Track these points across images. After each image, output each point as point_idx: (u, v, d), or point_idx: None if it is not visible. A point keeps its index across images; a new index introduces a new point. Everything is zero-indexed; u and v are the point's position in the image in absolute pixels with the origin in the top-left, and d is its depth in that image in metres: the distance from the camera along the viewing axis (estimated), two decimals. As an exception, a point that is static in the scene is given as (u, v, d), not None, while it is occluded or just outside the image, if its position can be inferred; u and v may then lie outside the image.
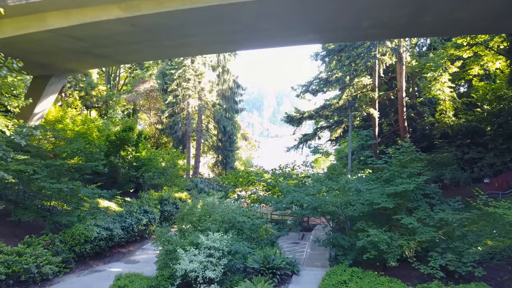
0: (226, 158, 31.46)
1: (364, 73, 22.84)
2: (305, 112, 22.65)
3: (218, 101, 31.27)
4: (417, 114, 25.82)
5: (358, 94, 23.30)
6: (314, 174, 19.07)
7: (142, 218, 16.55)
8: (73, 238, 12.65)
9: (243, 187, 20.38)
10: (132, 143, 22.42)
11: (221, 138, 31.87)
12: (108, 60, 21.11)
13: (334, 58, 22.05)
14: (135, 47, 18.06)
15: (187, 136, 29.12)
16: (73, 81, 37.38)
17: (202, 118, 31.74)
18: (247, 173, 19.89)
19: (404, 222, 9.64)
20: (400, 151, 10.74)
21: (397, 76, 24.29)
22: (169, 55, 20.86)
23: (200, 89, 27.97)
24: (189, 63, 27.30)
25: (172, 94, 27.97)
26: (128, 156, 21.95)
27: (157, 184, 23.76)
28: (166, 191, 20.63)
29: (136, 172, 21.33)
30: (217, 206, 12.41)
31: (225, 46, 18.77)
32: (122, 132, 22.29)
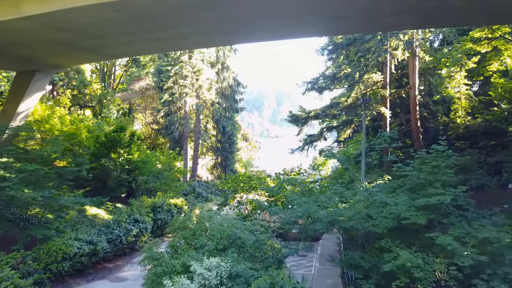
0: (225, 160, 29.77)
1: (374, 69, 21.15)
2: (311, 111, 20.96)
3: (217, 99, 29.60)
4: (430, 114, 24.12)
5: (367, 91, 21.63)
6: (322, 178, 17.44)
7: (132, 229, 14.89)
8: (49, 255, 10.98)
9: (244, 192, 18.71)
10: (124, 145, 20.72)
11: (221, 139, 30.18)
12: (97, 55, 19.39)
13: (342, 52, 20.36)
14: (124, 39, 16.33)
15: (184, 136, 27.45)
16: (65, 79, 35.75)
17: (200, 118, 30.05)
18: (248, 178, 18.22)
19: (441, 243, 7.96)
20: (433, 156, 9.06)
21: (409, 73, 22.59)
22: (163, 48, 19.19)
23: (198, 86, 26.30)
24: (186, 59, 25.63)
25: (168, 92, 26.29)
26: (120, 159, 20.25)
27: (152, 189, 22.07)
28: (160, 197, 18.95)
29: (128, 176, 19.65)
30: (215, 219, 10.70)
31: (223, 37, 17.04)
32: (113, 132, 20.60)
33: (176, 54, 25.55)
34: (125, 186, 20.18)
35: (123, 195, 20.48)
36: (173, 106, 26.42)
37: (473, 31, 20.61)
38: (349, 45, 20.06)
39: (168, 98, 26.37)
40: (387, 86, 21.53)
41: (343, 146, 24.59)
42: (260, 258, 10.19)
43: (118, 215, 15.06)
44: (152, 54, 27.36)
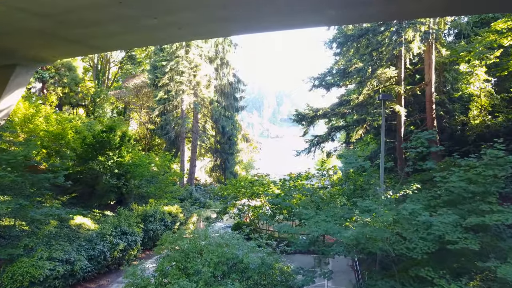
0: (225, 161, 27.92)
1: (387, 63, 19.34)
2: (319, 109, 19.12)
3: (216, 97, 27.76)
4: (446, 113, 22.31)
5: (380, 88, 19.79)
6: (332, 184, 15.60)
7: (118, 243, 13.07)
8: (14, 280, 9.16)
9: (246, 198, 16.89)
10: (114, 146, 18.90)
11: (220, 140, 28.34)
12: (84, 47, 17.44)
13: (353, 45, 18.54)
14: (111, 28, 14.43)
15: (181, 137, 25.62)
16: (56, 76, 33.91)
17: (198, 117, 28.21)
18: (250, 183, 16.40)
19: (504, 275, 6.13)
20: (484, 163, 7.23)
21: (424, 68, 20.75)
22: (157, 40, 17.26)
23: (195, 83, 24.46)
24: (183, 54, 23.81)
25: (163, 89, 24.46)
26: (109, 162, 18.42)
27: (145, 194, 20.26)
28: (152, 205, 17.12)
29: (117, 181, 17.83)
30: (212, 238, 8.86)
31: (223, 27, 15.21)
32: (102, 133, 18.79)
33: (172, 49, 23.73)
34: (114, 193, 18.35)
35: (112, 202, 18.67)
36: (169, 104, 24.59)
37: (495, 23, 18.86)
38: (360, 36, 18.24)
39: (163, 96, 24.53)
40: (402, 82, 19.72)
41: (353, 147, 22.78)
42: (267, 286, 8.37)
43: (102, 227, 13.21)
44: (144, 47, 25.52)
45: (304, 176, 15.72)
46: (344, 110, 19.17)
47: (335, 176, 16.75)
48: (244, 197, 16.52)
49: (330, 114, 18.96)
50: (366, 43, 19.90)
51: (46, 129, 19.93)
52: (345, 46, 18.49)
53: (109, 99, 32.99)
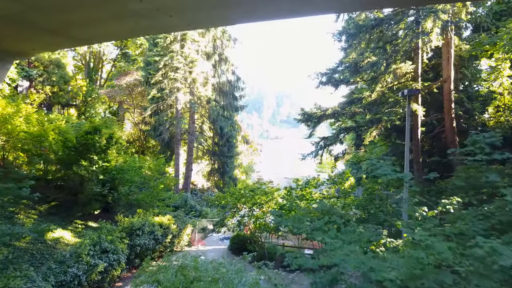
0: (223, 165, 25.96)
1: (403, 57, 17.47)
2: (328, 108, 17.22)
3: (214, 96, 25.84)
4: (465, 112, 20.42)
5: (395, 85, 17.92)
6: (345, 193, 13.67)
7: (97, 263, 11.14)
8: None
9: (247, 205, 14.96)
10: (100, 149, 16.95)
11: (218, 142, 26.38)
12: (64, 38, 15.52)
13: (365, 37, 16.66)
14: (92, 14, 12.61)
15: (176, 139, 23.68)
16: (44, 74, 31.97)
17: (195, 117, 26.26)
18: (251, 191, 14.46)
19: None
20: None
21: (442, 63, 18.90)
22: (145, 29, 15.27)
23: (191, 81, 22.54)
24: (178, 48, 21.89)
25: (156, 87, 22.54)
26: (93, 167, 16.48)
27: (135, 203, 18.31)
28: (140, 216, 15.14)
29: (101, 188, 15.90)
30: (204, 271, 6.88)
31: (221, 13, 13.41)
32: (86, 134, 16.85)
33: (165, 42, 21.83)
34: (99, 201, 16.39)
35: (96, 211, 16.72)
36: (163, 103, 22.65)
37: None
38: (374, 27, 16.36)
39: (156, 94, 22.61)
40: (419, 78, 17.86)
41: (364, 150, 20.86)
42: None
43: (78, 245, 11.24)
44: (132, 37, 23.59)
45: (312, 183, 13.78)
46: (355, 109, 17.28)
47: (346, 183, 14.82)
48: (247, 205, 14.58)
49: (339, 113, 17.05)
50: (378, 36, 18.03)
51: (27, 130, 17.96)
52: (357, 38, 16.61)
53: (100, 99, 31.06)
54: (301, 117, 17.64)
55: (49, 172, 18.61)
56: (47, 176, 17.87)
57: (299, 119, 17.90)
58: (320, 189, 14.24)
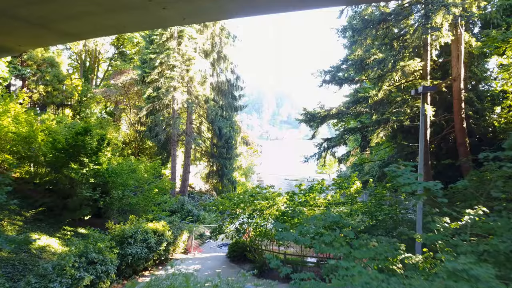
0: (222, 167, 24.99)
1: (411, 54, 16.59)
2: (332, 108, 16.29)
3: (212, 95, 24.86)
4: (475, 112, 19.53)
5: (402, 83, 17.02)
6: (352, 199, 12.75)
7: (82, 276, 10.18)
8: None
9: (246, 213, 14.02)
10: (90, 151, 16.03)
11: (217, 143, 25.42)
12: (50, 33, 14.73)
13: (372, 32, 15.74)
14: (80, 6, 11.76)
15: (173, 140, 22.73)
16: (38, 73, 31.08)
17: (192, 118, 25.32)
18: (251, 196, 13.52)
19: None
20: None
21: (452, 61, 18.02)
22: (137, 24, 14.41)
23: (188, 79, 21.60)
24: (174, 46, 20.97)
25: (152, 85, 21.60)
26: (84, 169, 15.54)
27: (128, 208, 17.39)
28: (133, 222, 14.18)
29: (92, 192, 14.96)
30: None
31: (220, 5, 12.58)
32: (76, 135, 15.94)
33: (161, 39, 20.91)
34: (90, 206, 15.46)
35: (86, 217, 15.78)
36: (159, 103, 21.70)
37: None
38: (381, 22, 15.46)
39: (152, 93, 21.66)
40: (427, 76, 16.95)
41: (369, 152, 19.93)
42: None
43: (61, 257, 10.27)
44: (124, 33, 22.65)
45: (316, 187, 12.84)
46: (361, 109, 16.36)
47: (352, 187, 13.88)
48: (244, 212, 13.65)
49: (344, 113, 16.13)
50: (384, 32, 17.14)
51: (14, 131, 17.11)
52: (363, 34, 15.68)
53: (95, 98, 30.15)
54: (303, 117, 16.72)
55: (38, 175, 17.71)
56: (35, 180, 16.97)
57: (301, 119, 16.97)
58: (325, 194, 13.31)
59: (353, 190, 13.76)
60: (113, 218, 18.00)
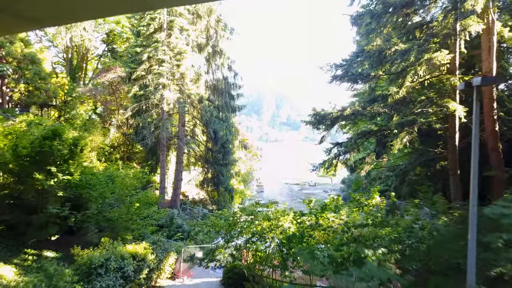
0: (218, 174, 22.49)
1: (436, 45, 14.16)
2: (345, 107, 13.85)
3: (207, 94, 22.41)
4: (507, 113, 17.13)
5: (426, 79, 14.58)
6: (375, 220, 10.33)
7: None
8: None
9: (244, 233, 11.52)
10: (61, 159, 13.57)
11: (212, 147, 22.94)
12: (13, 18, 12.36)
13: (393, 19, 13.33)
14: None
15: (161, 144, 20.25)
16: (18, 70, 28.62)
17: (185, 120, 22.83)
18: (250, 213, 11.05)
19: None
20: None
21: (482, 54, 15.56)
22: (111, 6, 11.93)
23: (179, 76, 19.17)
24: (163, 37, 18.53)
25: (138, 83, 19.16)
26: (51, 180, 13.08)
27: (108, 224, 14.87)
28: (106, 246, 11.64)
29: (59, 209, 12.49)
30: None
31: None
32: (44, 140, 13.47)
33: (148, 31, 18.49)
34: (57, 224, 12.97)
35: (53, 237, 13.31)
36: (146, 102, 19.24)
37: None
38: (404, 6, 13.05)
39: (138, 92, 19.21)
40: (456, 70, 14.53)
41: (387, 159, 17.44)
42: None
43: None
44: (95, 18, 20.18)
45: (330, 205, 10.37)
46: (379, 109, 13.92)
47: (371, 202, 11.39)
48: (241, 234, 11.16)
49: (360, 114, 13.68)
50: (404, 19, 14.74)
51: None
52: (382, 20, 13.25)
53: (80, 98, 27.69)
54: (312, 118, 14.25)
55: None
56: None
57: (308, 121, 14.51)
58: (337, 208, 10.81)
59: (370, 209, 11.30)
60: (90, 235, 15.52)
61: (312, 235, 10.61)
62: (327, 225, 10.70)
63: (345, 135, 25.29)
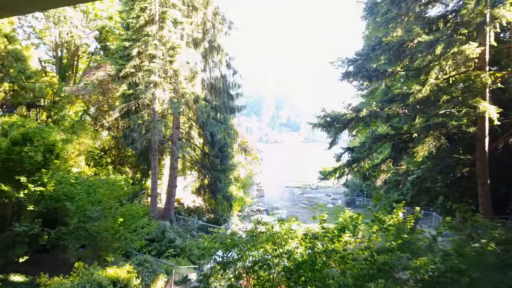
0: (215, 181, 20.65)
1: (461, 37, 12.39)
2: (360, 108, 12.07)
3: (204, 94, 20.63)
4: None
5: (452, 76, 12.79)
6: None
7: None
8: None
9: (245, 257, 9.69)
10: (32, 167, 11.78)
11: (209, 152, 21.14)
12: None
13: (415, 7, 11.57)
14: None
15: (152, 148, 18.46)
16: (2, 68, 26.80)
17: (180, 122, 21.04)
18: (252, 236, 9.25)
19: None
20: None
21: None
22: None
23: (172, 73, 17.39)
24: (155, 31, 16.76)
25: (127, 80, 17.39)
26: (21, 192, 11.28)
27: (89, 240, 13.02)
28: (79, 273, 9.80)
29: (27, 226, 10.71)
30: None
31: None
32: (13, 146, 11.70)
33: (138, 23, 16.72)
34: (26, 244, 11.16)
35: (21, 259, 11.51)
36: (135, 102, 17.44)
37: None
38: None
39: (127, 91, 17.44)
40: (486, 66, 12.75)
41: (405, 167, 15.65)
42: None
43: None
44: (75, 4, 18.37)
45: (349, 227, 8.56)
46: (398, 110, 12.14)
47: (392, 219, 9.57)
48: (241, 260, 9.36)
49: (378, 115, 11.88)
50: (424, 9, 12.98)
51: None
52: (404, 6, 11.47)
53: (67, 98, 25.89)
54: (322, 120, 12.46)
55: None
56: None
57: (318, 123, 12.71)
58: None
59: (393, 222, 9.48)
60: (69, 252, 13.68)
61: (326, 262, 8.76)
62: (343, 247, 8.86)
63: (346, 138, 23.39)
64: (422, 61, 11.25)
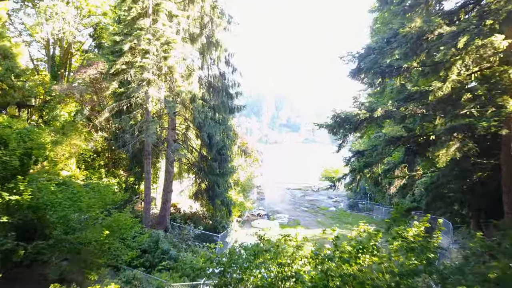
0: (213, 186, 19.37)
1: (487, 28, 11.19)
2: (373, 108, 10.85)
3: (201, 93, 19.40)
4: None
5: (474, 72, 11.56)
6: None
7: None
8: None
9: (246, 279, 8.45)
10: (8, 173, 10.52)
11: (206, 154, 19.90)
12: None
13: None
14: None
15: (146, 151, 17.20)
16: (-11, 66, 25.53)
17: (176, 122, 19.81)
18: (253, 254, 8.01)
19: None
20: None
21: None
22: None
23: (167, 70, 16.15)
24: (148, 24, 15.53)
25: (118, 78, 16.16)
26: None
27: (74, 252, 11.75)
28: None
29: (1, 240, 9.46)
30: None
31: None
32: (-14, 148, 10.42)
33: (130, 15, 15.48)
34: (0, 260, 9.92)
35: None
36: (127, 101, 16.19)
37: None
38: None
39: (118, 89, 16.19)
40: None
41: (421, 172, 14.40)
42: None
43: None
44: None
45: (368, 246, 7.33)
46: (416, 109, 10.91)
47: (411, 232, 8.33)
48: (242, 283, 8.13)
49: (394, 115, 10.65)
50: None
51: None
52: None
53: (60, 97, 24.66)
54: (331, 121, 11.21)
55: None
56: None
57: (327, 124, 11.46)
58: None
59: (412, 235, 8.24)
60: (52, 266, 12.40)
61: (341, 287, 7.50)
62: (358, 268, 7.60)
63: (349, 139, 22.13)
64: (445, 55, 10.00)
